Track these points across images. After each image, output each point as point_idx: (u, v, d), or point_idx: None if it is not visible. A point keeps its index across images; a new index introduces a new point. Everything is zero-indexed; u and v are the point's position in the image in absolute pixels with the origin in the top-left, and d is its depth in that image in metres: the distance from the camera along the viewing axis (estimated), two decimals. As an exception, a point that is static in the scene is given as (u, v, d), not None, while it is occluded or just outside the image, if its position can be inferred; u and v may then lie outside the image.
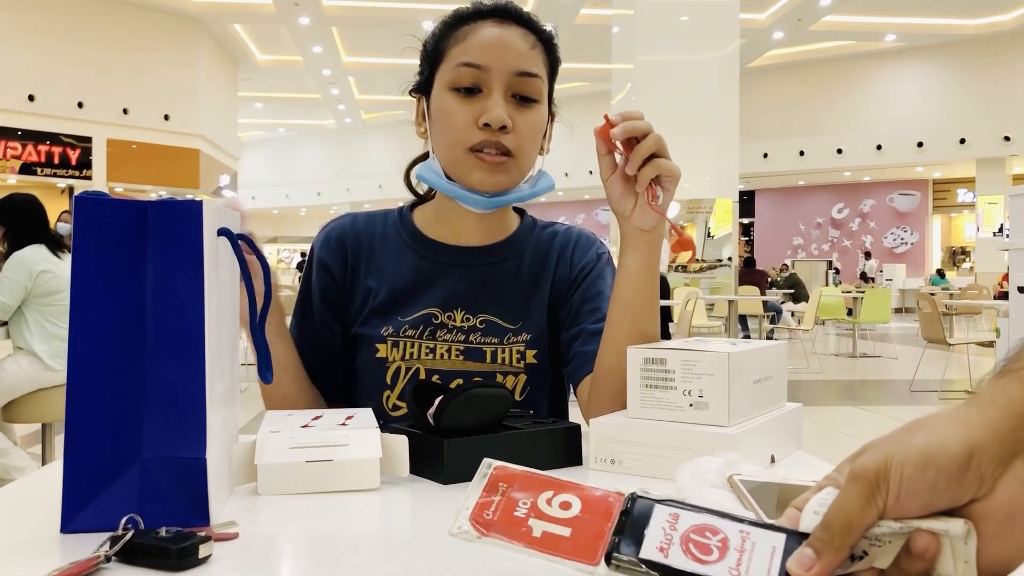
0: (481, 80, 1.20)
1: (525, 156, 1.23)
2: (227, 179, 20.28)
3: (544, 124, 1.27)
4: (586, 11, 16.39)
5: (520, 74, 1.20)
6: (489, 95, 1.19)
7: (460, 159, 1.21)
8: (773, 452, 1.00)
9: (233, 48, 19.63)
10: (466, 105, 1.20)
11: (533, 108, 1.23)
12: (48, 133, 15.23)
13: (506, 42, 1.21)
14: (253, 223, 1.06)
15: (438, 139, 1.24)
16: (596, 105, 1.30)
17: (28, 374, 3.86)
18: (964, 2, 17.56)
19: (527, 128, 1.22)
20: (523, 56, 1.21)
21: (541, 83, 1.23)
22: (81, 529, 0.72)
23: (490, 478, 0.63)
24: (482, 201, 1.22)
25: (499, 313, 1.30)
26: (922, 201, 24.23)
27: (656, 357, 0.98)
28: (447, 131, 1.21)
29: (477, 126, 1.19)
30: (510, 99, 1.21)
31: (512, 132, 1.19)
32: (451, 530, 0.60)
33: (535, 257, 1.35)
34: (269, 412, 1.01)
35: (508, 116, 1.19)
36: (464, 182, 1.22)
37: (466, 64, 1.20)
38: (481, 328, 1.28)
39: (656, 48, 11.26)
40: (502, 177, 1.21)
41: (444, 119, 1.22)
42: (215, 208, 0.79)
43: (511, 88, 1.20)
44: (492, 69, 1.19)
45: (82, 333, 0.73)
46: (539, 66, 1.24)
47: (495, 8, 1.25)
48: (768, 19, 17.64)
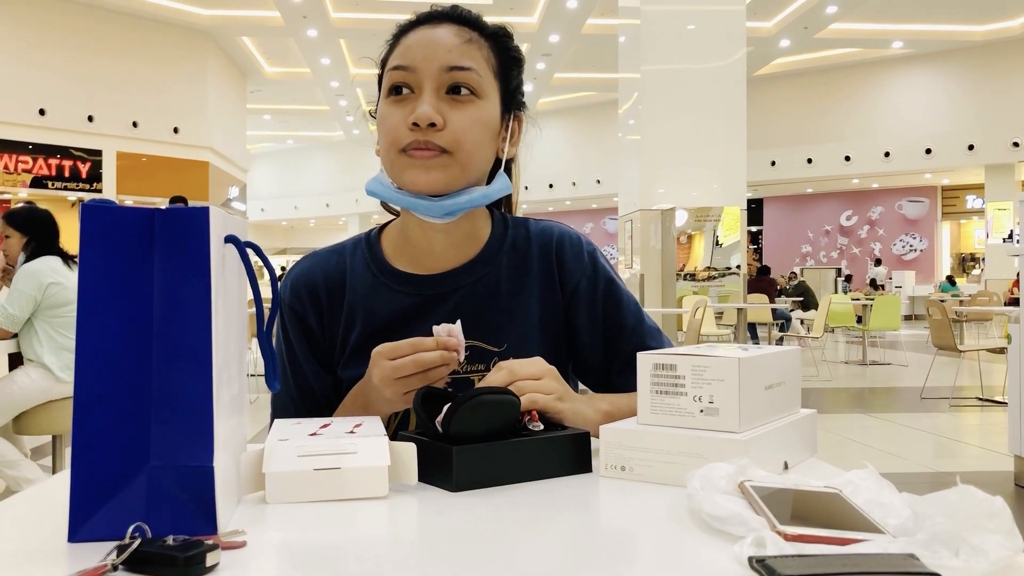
0: (411, 81, 1.17)
1: (465, 153, 1.17)
2: (236, 191, 20.36)
3: (490, 120, 1.21)
4: (593, 21, 16.42)
5: (451, 68, 1.16)
6: (419, 95, 1.16)
7: (394, 162, 1.17)
8: (786, 458, 1.00)
9: (242, 61, 19.73)
10: (398, 108, 1.17)
11: (470, 102, 1.17)
12: (58, 147, 15.32)
13: (434, 40, 1.18)
14: (261, 234, 1.06)
15: (380, 148, 1.21)
16: (603, 114, 1.28)
17: (38, 386, 3.87)
18: (971, 8, 17.54)
19: (463, 122, 1.16)
20: (453, 51, 1.17)
21: (477, 76, 1.18)
22: (88, 538, 0.71)
23: None
24: (431, 207, 1.17)
25: (483, 337, 1.25)
26: (931, 208, 24.18)
27: (666, 363, 0.97)
28: (384, 137, 1.18)
29: (408, 127, 1.15)
30: (444, 96, 1.17)
31: (445, 129, 1.15)
32: None
33: (513, 264, 1.30)
34: (278, 420, 1.01)
35: (439, 112, 1.15)
36: (402, 185, 1.18)
37: (396, 67, 1.18)
38: (466, 355, 1.24)
39: (663, 57, 11.28)
40: (437, 174, 1.16)
41: (381, 126, 1.19)
42: (222, 215, 0.79)
43: (443, 84, 1.16)
44: (420, 68, 1.16)
45: (89, 341, 0.73)
46: (475, 59, 1.19)
47: (431, 14, 1.22)
48: (774, 27, 17.64)
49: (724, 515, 0.73)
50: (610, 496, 0.91)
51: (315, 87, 21.42)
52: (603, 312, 1.31)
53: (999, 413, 6.92)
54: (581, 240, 1.35)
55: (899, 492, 0.76)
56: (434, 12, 1.22)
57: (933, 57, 20.31)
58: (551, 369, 1.10)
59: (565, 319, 1.31)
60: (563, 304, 1.31)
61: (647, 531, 0.79)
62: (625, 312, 1.32)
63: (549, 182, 24.51)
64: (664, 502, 0.86)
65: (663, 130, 11.24)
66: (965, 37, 19.18)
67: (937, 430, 6.46)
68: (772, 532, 0.67)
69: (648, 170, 11.37)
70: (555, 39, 17.16)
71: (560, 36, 17.11)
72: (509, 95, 1.26)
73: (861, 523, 0.71)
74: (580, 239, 1.35)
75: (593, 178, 23.92)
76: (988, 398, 7.83)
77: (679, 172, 11.31)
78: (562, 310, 1.31)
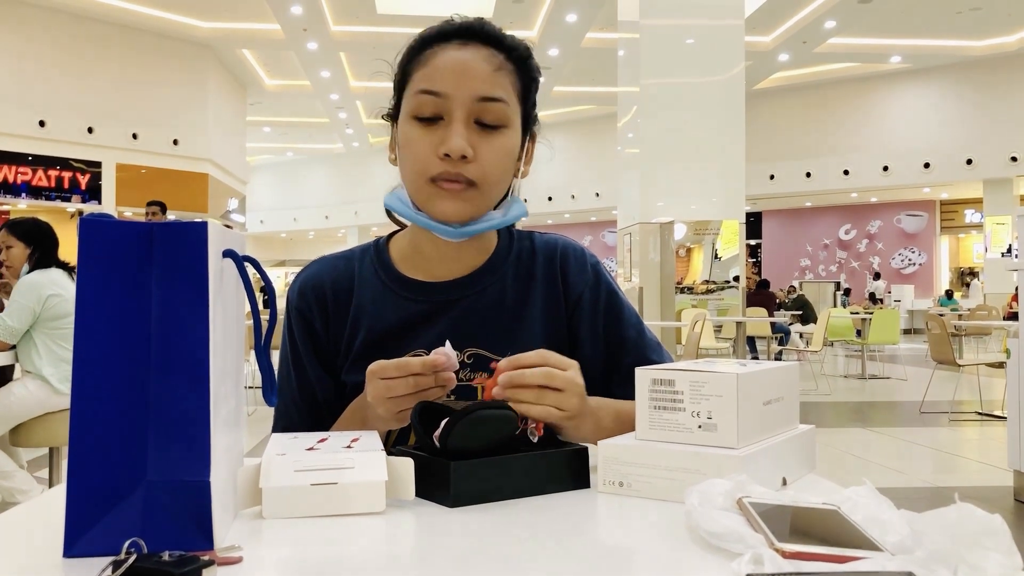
0: (441, 108, 1.15)
1: (490, 185, 1.18)
2: (236, 203, 20.37)
3: (514, 148, 1.21)
4: (592, 35, 16.49)
5: (482, 99, 1.15)
6: (450, 123, 1.15)
7: (422, 189, 1.17)
8: (785, 475, 0.99)
9: (241, 73, 19.78)
10: (426, 134, 1.16)
11: (499, 133, 1.18)
12: (58, 158, 15.33)
13: (468, 66, 1.16)
14: (260, 246, 1.06)
15: (403, 168, 1.20)
16: (602, 128, 1.29)
17: (36, 398, 3.86)
18: (969, 24, 17.61)
19: (492, 155, 1.16)
20: (486, 80, 1.16)
21: (506, 107, 1.18)
22: (84, 553, 0.71)
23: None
24: (451, 232, 1.18)
25: (487, 346, 1.26)
26: (930, 222, 24.21)
27: (665, 378, 0.97)
28: (410, 161, 1.17)
29: (438, 156, 1.14)
30: (472, 125, 1.16)
31: (474, 161, 1.15)
32: None
33: (518, 276, 1.31)
34: (275, 435, 1.01)
35: (470, 144, 1.14)
36: (428, 212, 1.18)
37: (425, 91, 1.16)
38: (469, 363, 1.25)
39: (662, 71, 11.33)
40: (465, 206, 1.17)
41: (407, 148, 1.18)
42: (220, 229, 0.79)
43: (473, 114, 1.15)
44: (452, 96, 1.14)
45: (86, 354, 0.72)
46: (505, 89, 1.18)
47: (460, 28, 1.20)
48: (773, 42, 17.71)
49: (722, 532, 0.73)
50: (608, 512, 0.91)
51: (315, 99, 21.47)
52: (605, 323, 1.31)
53: (998, 428, 6.91)
54: (585, 252, 1.36)
55: (898, 509, 0.76)
56: (462, 27, 1.20)
57: (931, 72, 20.38)
58: (580, 384, 1.06)
59: (568, 330, 1.32)
60: (566, 315, 1.31)
61: (645, 547, 0.79)
62: (626, 324, 1.32)
63: (548, 195, 24.53)
64: (662, 518, 0.86)
65: (662, 143, 11.27)
66: (963, 52, 19.25)
67: (936, 445, 6.45)
68: (770, 549, 0.67)
69: (647, 183, 11.40)
70: (554, 53, 17.21)
71: (560, 50, 17.17)
72: (528, 116, 1.26)
73: (859, 540, 0.70)
74: (583, 251, 1.36)
75: (592, 191, 23.94)
76: (987, 412, 7.82)
77: (678, 185, 11.34)
78: (565, 321, 1.31)
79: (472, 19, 1.22)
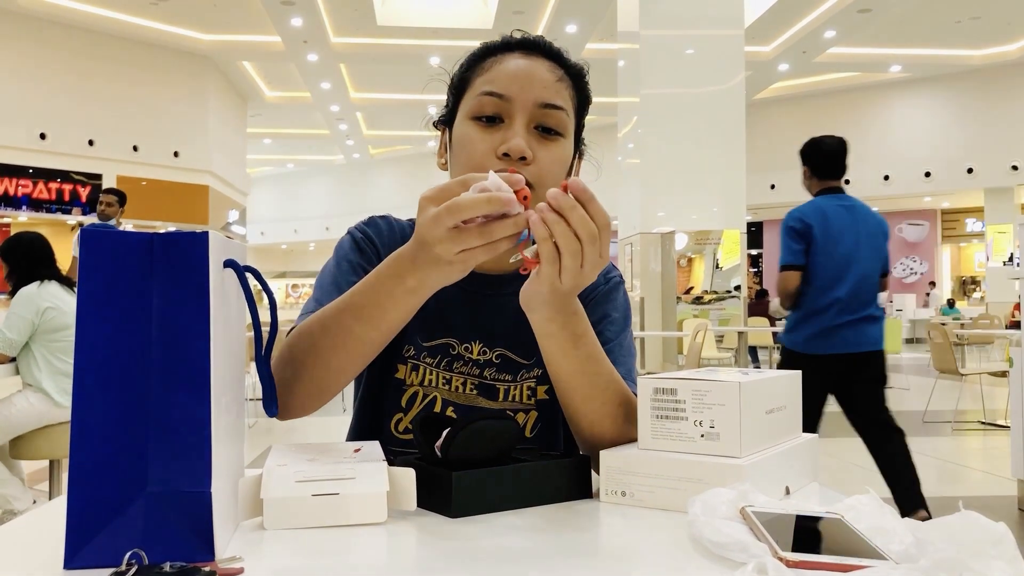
0: (503, 110, 1.16)
1: (545, 189, 1.14)
2: (236, 215, 20.39)
3: (568, 159, 1.22)
4: (592, 45, 16.52)
5: (544, 105, 1.16)
6: (511, 125, 1.15)
7: None
8: (788, 484, 0.99)
9: (242, 85, 19.83)
10: (486, 134, 1.16)
11: (557, 141, 1.18)
12: (59, 171, 15.37)
13: (531, 73, 1.18)
14: (261, 258, 1.04)
15: (456, 169, 1.20)
16: (602, 138, 1.29)
17: (36, 410, 3.86)
18: (969, 33, 17.65)
19: (549, 161, 1.17)
20: (548, 87, 1.17)
21: (566, 116, 1.19)
22: (84, 565, 0.70)
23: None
24: None
25: (514, 347, 1.27)
26: (931, 231, 24.21)
27: (667, 387, 0.97)
28: (466, 160, 1.17)
29: (496, 156, 1.14)
30: (532, 131, 1.16)
31: (533, 164, 1.14)
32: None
33: None
34: (276, 445, 1.00)
35: (529, 147, 1.14)
36: None
37: (488, 93, 1.17)
38: (496, 363, 1.26)
39: (662, 81, 11.34)
40: None
41: (463, 148, 1.18)
42: (221, 240, 0.79)
43: (534, 119, 1.16)
44: (515, 99, 1.16)
45: (87, 365, 0.72)
46: (565, 99, 1.20)
47: (523, 41, 1.22)
48: (773, 51, 17.74)
49: (725, 541, 0.72)
50: (610, 522, 0.91)
51: (315, 111, 21.51)
52: (594, 304, 1.29)
53: (1002, 437, 6.88)
54: (613, 268, 1.36)
55: (901, 517, 0.76)
56: (526, 40, 1.22)
57: (932, 81, 20.40)
58: (601, 265, 0.96)
59: None
60: None
61: (648, 557, 0.78)
62: (611, 317, 1.30)
63: (549, 205, 24.49)
64: (665, 528, 0.85)
65: (663, 154, 11.27)
66: (963, 61, 19.28)
67: (939, 454, 6.43)
68: (774, 559, 0.67)
69: (648, 193, 11.40)
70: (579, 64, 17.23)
71: (585, 62, 17.17)
72: (578, 134, 1.27)
73: (863, 549, 0.70)
74: (612, 267, 1.35)
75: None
76: (991, 422, 7.80)
77: (679, 196, 11.34)
78: None
79: (535, 36, 1.24)
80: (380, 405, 1.28)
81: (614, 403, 1.07)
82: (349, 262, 1.26)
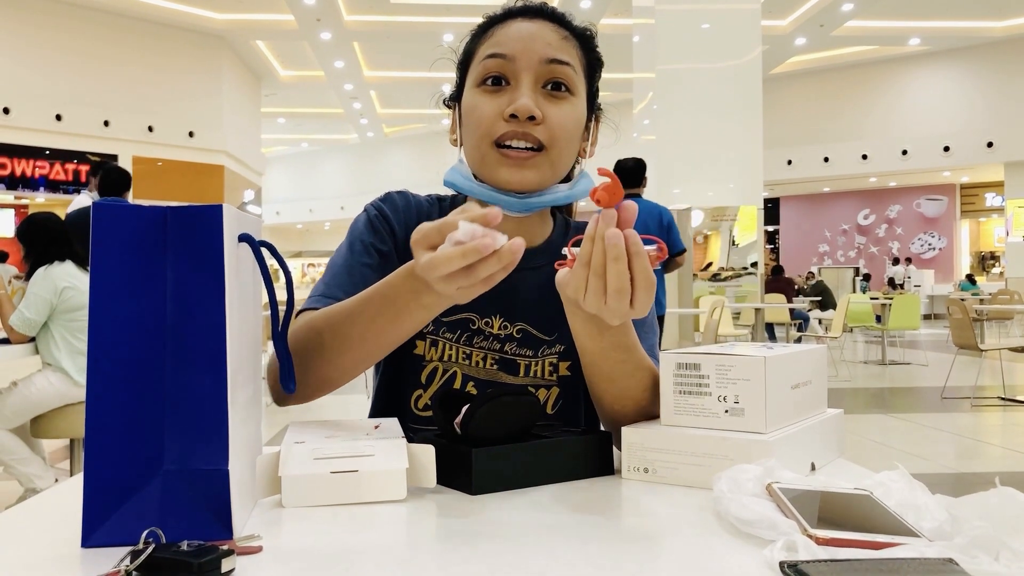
0: (508, 71, 1.14)
1: (558, 151, 1.15)
2: (251, 194, 20.43)
3: (581, 119, 1.19)
4: (607, 21, 16.40)
5: (550, 61, 1.14)
6: (517, 86, 1.13)
7: (486, 155, 1.14)
8: (813, 459, 0.97)
9: (256, 64, 19.81)
10: (492, 98, 1.14)
11: (567, 99, 1.16)
12: (75, 152, 15.43)
13: (533, 32, 1.15)
14: (277, 237, 1.02)
15: (466, 139, 1.19)
16: (618, 115, 1.26)
17: (56, 390, 3.88)
18: (989, 4, 17.40)
19: (560, 120, 1.14)
20: (552, 45, 1.15)
21: (573, 72, 1.16)
22: (102, 543, 0.70)
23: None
24: (515, 203, 1.15)
25: (535, 323, 1.25)
26: (950, 206, 24.00)
27: (690, 362, 0.95)
28: (474, 126, 1.15)
29: (503, 118, 1.12)
30: (540, 90, 1.14)
31: (542, 123, 1.12)
32: None
33: None
34: (293, 423, 0.99)
35: (538, 106, 1.12)
36: (492, 181, 1.15)
37: (492, 56, 1.15)
38: (517, 338, 1.24)
39: (677, 56, 11.23)
40: (530, 173, 1.14)
41: (470, 115, 1.16)
42: (235, 213, 0.77)
43: (541, 77, 1.14)
44: (519, 58, 1.13)
45: (101, 343, 0.71)
46: (572, 56, 1.17)
47: (525, 7, 1.20)
48: (790, 25, 17.56)
49: (753, 518, 0.71)
50: (633, 499, 0.89)
51: (329, 90, 21.47)
52: None
53: (1022, 412, 6.84)
54: None
55: (933, 494, 0.74)
56: (527, 7, 1.20)
57: (951, 53, 20.15)
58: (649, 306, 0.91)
59: None
60: None
61: (673, 535, 0.77)
62: None
63: (564, 183, 24.45)
64: (689, 505, 0.84)
65: (678, 130, 11.18)
66: (983, 33, 19.02)
67: (959, 430, 6.39)
68: (803, 536, 0.65)
69: (663, 170, 11.32)
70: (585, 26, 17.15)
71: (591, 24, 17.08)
72: (592, 96, 1.25)
73: (895, 526, 0.68)
74: None
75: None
76: (1010, 398, 7.74)
77: (695, 172, 11.26)
78: None
79: (538, 3, 1.22)
80: (400, 382, 1.26)
81: (640, 387, 1.05)
82: (363, 243, 1.24)
